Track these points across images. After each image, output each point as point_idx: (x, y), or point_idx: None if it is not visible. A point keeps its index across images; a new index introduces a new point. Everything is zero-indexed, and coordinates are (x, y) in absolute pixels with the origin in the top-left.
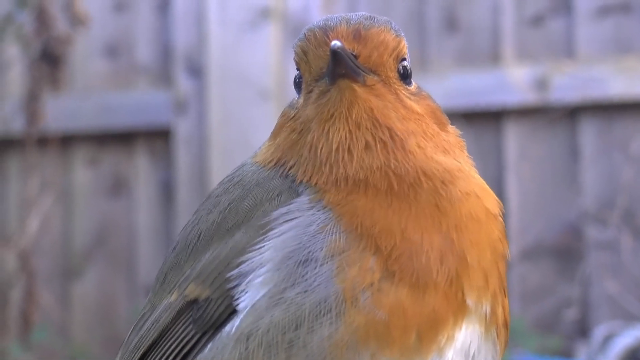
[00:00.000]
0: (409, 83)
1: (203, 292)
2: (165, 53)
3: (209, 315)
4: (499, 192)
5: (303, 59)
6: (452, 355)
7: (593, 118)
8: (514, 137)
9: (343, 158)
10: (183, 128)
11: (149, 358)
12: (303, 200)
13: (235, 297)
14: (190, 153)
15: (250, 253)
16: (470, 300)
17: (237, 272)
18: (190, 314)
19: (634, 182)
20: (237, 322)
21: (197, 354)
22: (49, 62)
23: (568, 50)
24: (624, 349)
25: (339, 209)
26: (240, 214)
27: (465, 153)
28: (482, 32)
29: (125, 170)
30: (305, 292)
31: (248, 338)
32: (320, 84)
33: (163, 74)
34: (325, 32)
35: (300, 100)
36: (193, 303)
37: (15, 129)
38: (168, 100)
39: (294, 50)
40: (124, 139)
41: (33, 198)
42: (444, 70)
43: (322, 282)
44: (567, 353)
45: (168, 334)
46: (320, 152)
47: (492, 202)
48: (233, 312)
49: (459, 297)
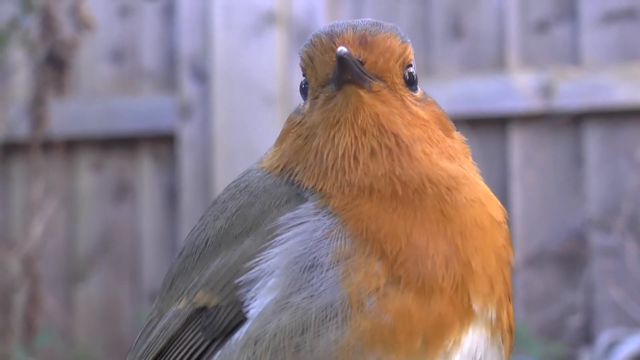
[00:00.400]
0: (415, 89)
1: (212, 299)
2: (170, 58)
3: (219, 323)
4: (504, 198)
5: (309, 65)
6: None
7: (598, 125)
8: (519, 143)
9: (349, 164)
10: (188, 133)
11: None
12: (309, 206)
13: (245, 304)
14: (195, 158)
15: (258, 260)
16: (477, 306)
17: (245, 278)
18: (200, 321)
19: (639, 188)
20: (245, 327)
21: None
22: (54, 66)
23: (573, 57)
24: (628, 356)
25: (345, 214)
26: (249, 221)
27: (470, 159)
28: (487, 38)
29: (130, 175)
30: (312, 297)
31: (256, 342)
32: (327, 90)
33: (168, 79)
34: (332, 38)
35: (307, 106)
36: (202, 310)
37: (20, 133)
38: (173, 105)
39: (300, 56)
40: (129, 144)
41: (37, 202)
42: (449, 76)
43: (328, 287)
44: None
45: (177, 341)
46: (327, 158)
47: (496, 209)
48: (243, 319)
49: (465, 302)
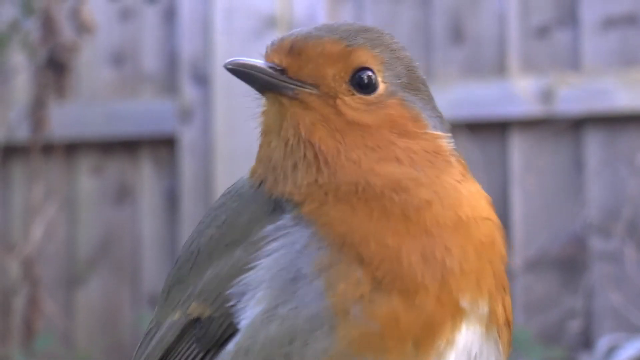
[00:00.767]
0: (370, 92)
1: (205, 310)
2: (171, 61)
3: (212, 334)
4: (504, 202)
5: None
6: (454, 359)
7: (598, 130)
8: (519, 148)
9: (284, 174)
10: (188, 136)
11: None
12: (287, 218)
13: (236, 315)
14: (195, 162)
15: (247, 272)
16: (465, 302)
17: (234, 290)
18: (194, 333)
19: (639, 194)
20: (236, 338)
21: None
22: (55, 69)
23: (573, 62)
24: None
25: (318, 222)
26: (238, 231)
27: (446, 158)
28: (487, 43)
29: (130, 179)
30: (297, 307)
31: (246, 353)
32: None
33: (168, 83)
34: (268, 48)
35: None
36: (196, 321)
37: (21, 136)
38: (173, 109)
39: None
40: (129, 147)
41: (37, 205)
42: (449, 81)
43: (312, 298)
44: None
45: (173, 353)
46: (272, 166)
47: (470, 206)
48: (235, 330)
49: (453, 299)
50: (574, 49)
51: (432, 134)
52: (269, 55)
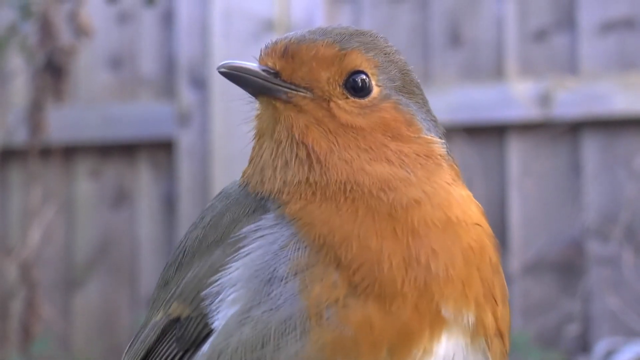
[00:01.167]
0: (364, 95)
1: (184, 310)
2: (169, 65)
3: (189, 334)
4: (502, 206)
5: None
6: None
7: (596, 134)
8: (517, 152)
9: (273, 173)
10: (186, 140)
11: None
12: (269, 217)
13: (210, 315)
14: (193, 165)
15: (222, 272)
16: (447, 311)
17: (209, 291)
18: (174, 333)
19: (637, 198)
20: (211, 339)
21: None
22: (53, 73)
23: (571, 66)
24: None
25: (299, 222)
26: (219, 231)
27: (438, 162)
28: (485, 46)
29: (128, 182)
30: (271, 310)
31: (219, 355)
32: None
33: (166, 86)
34: (262, 51)
35: None
36: (176, 321)
37: (19, 140)
38: (171, 112)
39: None
40: (127, 151)
41: (35, 209)
42: (447, 85)
43: (287, 300)
44: None
45: (154, 353)
46: (261, 167)
47: (461, 210)
48: (210, 331)
49: (433, 308)
50: (572, 53)
51: (425, 138)
52: (263, 59)
